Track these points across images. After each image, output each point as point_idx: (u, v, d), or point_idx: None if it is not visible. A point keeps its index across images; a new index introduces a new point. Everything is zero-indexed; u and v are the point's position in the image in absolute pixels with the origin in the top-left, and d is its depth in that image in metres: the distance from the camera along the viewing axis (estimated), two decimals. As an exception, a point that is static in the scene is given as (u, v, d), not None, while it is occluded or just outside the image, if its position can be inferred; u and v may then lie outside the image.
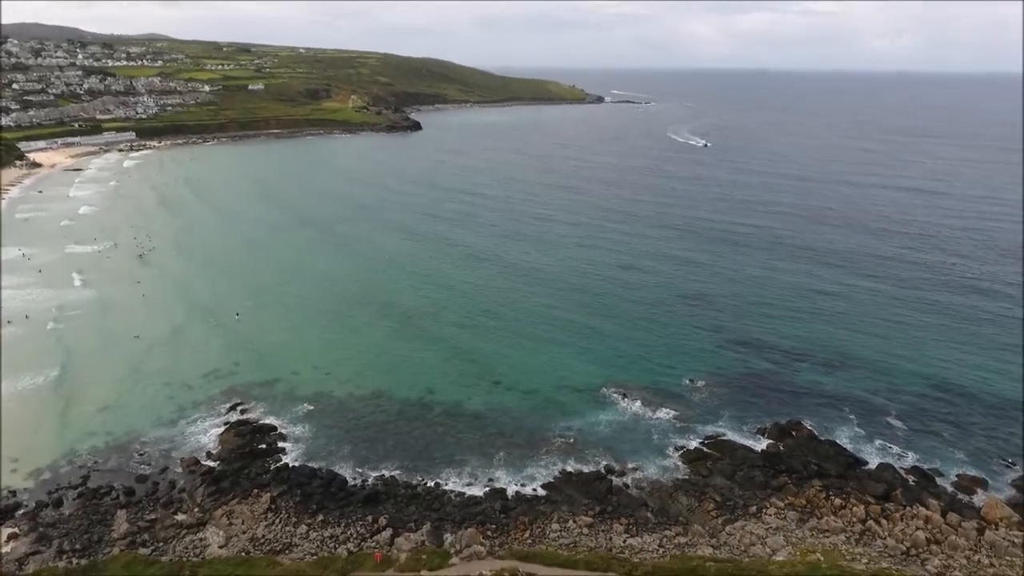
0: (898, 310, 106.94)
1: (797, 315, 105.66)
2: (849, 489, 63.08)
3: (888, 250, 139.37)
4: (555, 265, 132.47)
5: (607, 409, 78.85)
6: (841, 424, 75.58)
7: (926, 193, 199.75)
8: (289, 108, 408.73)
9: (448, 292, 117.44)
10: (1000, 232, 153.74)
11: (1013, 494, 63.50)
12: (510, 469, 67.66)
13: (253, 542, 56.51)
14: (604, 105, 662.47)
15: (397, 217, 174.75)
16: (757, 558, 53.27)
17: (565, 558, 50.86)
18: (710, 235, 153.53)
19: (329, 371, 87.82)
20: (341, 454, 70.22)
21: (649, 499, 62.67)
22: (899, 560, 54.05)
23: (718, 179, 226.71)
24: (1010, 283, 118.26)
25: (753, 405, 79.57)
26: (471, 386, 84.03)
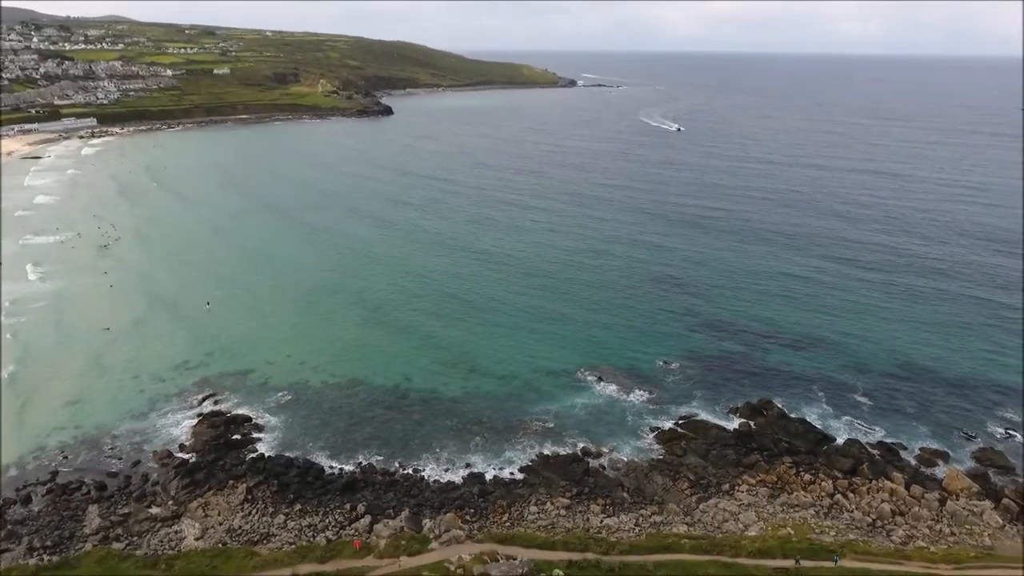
0: (864, 292, 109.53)
1: (767, 297, 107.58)
2: (818, 465, 64.87)
3: (854, 233, 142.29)
4: (528, 251, 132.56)
5: (583, 392, 79.63)
6: (810, 402, 77.51)
7: (891, 176, 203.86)
8: (256, 93, 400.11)
9: (420, 280, 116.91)
10: (963, 214, 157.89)
11: (973, 466, 65.97)
12: (488, 454, 68.09)
13: (230, 533, 56.10)
14: (577, 89, 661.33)
15: (368, 204, 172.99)
16: (730, 534, 54.60)
17: (543, 539, 51.48)
18: (681, 219, 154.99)
19: (303, 360, 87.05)
20: (318, 443, 69.89)
21: (625, 479, 63.68)
22: (866, 532, 55.89)
23: (690, 163, 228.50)
24: (969, 264, 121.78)
25: (725, 385, 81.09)
26: (447, 372, 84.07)
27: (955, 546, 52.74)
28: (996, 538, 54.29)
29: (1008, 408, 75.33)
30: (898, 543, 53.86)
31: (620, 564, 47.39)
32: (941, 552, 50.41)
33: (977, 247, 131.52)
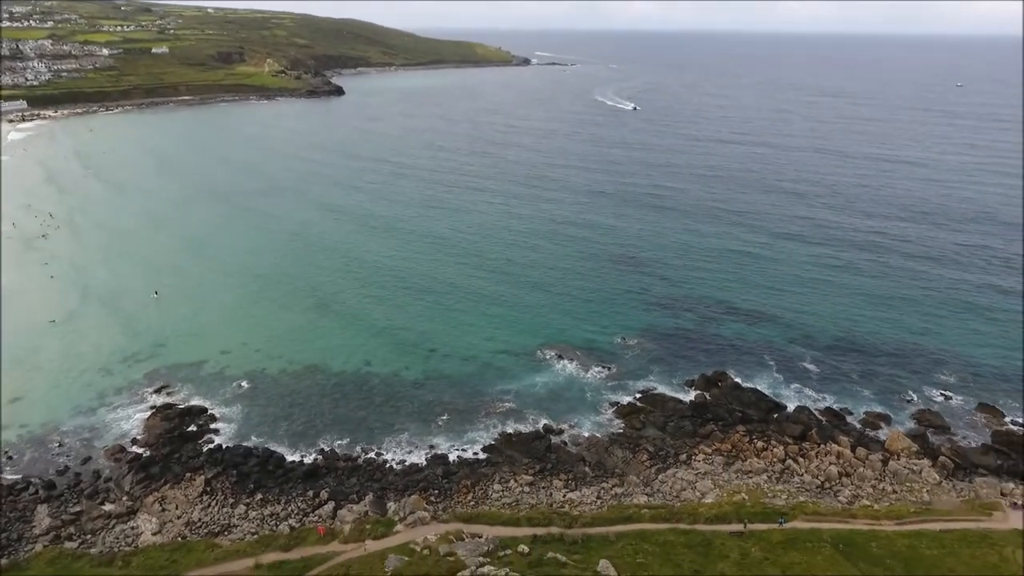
0: (810, 266, 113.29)
1: (720, 273, 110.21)
2: (770, 432, 67.42)
3: (801, 210, 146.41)
4: (483, 234, 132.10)
5: (543, 371, 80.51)
6: (762, 372, 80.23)
7: (836, 154, 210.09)
8: (199, 73, 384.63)
9: (375, 265, 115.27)
10: (902, 190, 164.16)
11: (913, 426, 69.63)
12: (450, 435, 68.42)
13: (189, 526, 55.16)
14: (531, 68, 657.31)
15: (318, 189, 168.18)
16: (688, 502, 56.45)
17: (508, 516, 52.27)
18: (636, 199, 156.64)
19: (259, 348, 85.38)
20: (277, 431, 68.97)
21: (586, 454, 64.96)
22: (815, 493, 58.56)
23: (644, 143, 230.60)
24: (906, 238, 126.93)
25: (681, 359, 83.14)
26: (407, 356, 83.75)
27: (897, 503, 55.76)
28: (934, 493, 57.59)
29: (943, 372, 79.49)
30: (844, 503, 56.63)
31: (583, 536, 48.55)
32: (884, 509, 53.23)
33: (915, 222, 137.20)
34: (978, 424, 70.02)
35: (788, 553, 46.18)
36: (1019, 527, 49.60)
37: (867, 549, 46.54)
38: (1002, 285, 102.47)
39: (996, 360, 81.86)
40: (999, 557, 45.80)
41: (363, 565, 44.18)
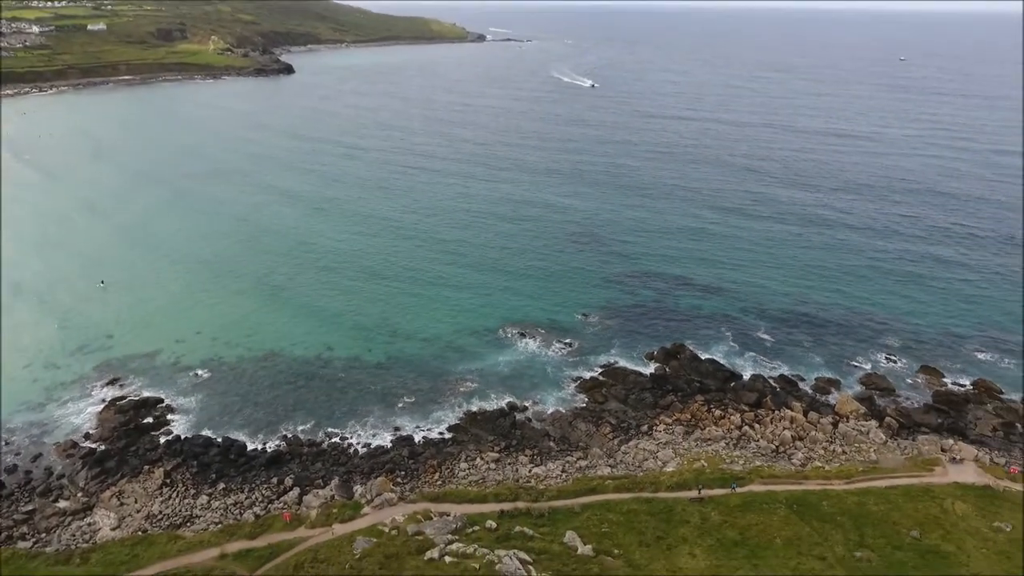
0: (764, 239, 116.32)
1: (676, 249, 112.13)
2: (727, 400, 69.56)
3: (752, 185, 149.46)
4: (441, 215, 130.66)
5: (506, 349, 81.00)
6: (719, 343, 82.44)
7: (785, 128, 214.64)
8: (140, 51, 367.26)
9: (331, 250, 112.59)
10: (848, 163, 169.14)
11: (860, 390, 72.77)
12: (415, 416, 68.46)
13: (150, 519, 54.09)
14: (486, 44, 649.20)
15: (267, 173, 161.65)
16: (650, 471, 57.99)
17: (475, 494, 52.84)
18: (593, 177, 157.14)
19: (215, 336, 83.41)
20: (238, 420, 67.83)
21: (551, 429, 65.94)
22: (770, 457, 60.87)
23: (601, 121, 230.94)
24: (851, 212, 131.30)
25: (641, 333, 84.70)
26: (368, 339, 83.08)
27: (846, 463, 58.41)
28: (880, 452, 60.52)
29: (888, 338, 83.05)
30: (798, 465, 59.04)
31: (549, 509, 49.48)
32: (834, 470, 55.72)
33: (859, 195, 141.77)
34: (920, 385, 73.63)
35: (745, 515, 48.05)
36: (958, 480, 52.64)
37: (819, 508, 48.75)
38: (942, 255, 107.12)
39: (936, 325, 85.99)
40: (940, 509, 48.59)
41: (331, 549, 44.14)
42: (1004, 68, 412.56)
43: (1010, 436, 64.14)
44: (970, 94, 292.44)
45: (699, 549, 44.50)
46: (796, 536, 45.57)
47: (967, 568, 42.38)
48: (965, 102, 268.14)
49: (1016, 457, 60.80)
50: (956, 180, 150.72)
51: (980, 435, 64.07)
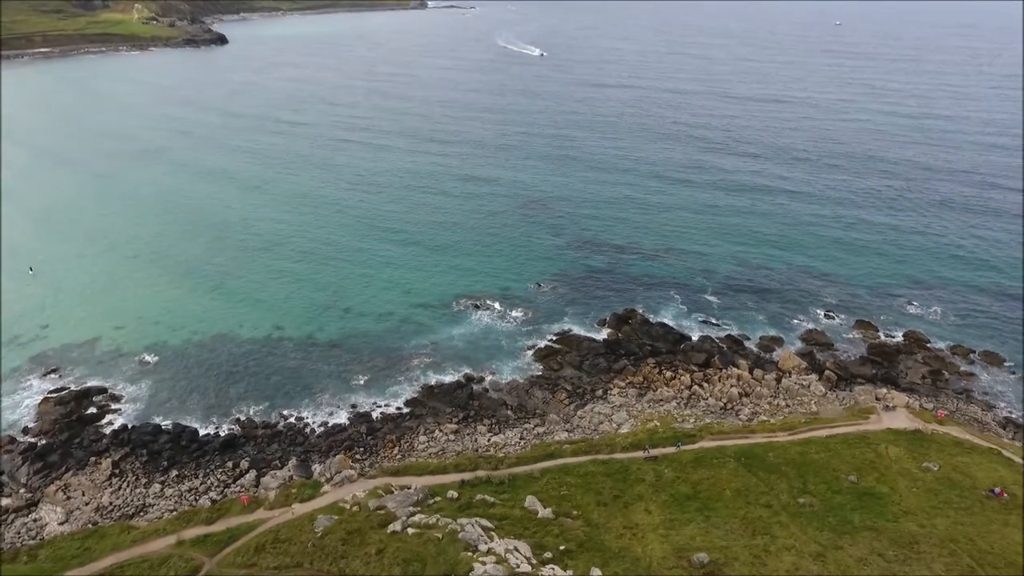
0: (708, 206, 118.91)
1: (625, 218, 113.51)
2: (677, 362, 71.71)
3: (696, 155, 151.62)
4: (387, 191, 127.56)
5: (461, 321, 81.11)
6: (668, 306, 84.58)
7: (728, 97, 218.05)
8: (56, 21, 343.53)
9: (274, 231, 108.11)
10: (785, 130, 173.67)
11: (801, 346, 76.13)
12: (371, 392, 68.16)
13: (100, 512, 52.59)
14: (428, 11, 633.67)
15: (198, 152, 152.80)
16: (606, 434, 59.60)
17: (435, 465, 53.34)
18: (541, 150, 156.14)
19: (158, 321, 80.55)
20: (188, 405, 66.15)
21: (508, 398, 66.77)
22: (719, 415, 63.35)
23: (549, 92, 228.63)
24: (787, 178, 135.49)
25: (593, 300, 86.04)
26: (320, 318, 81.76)
27: (789, 416, 61.31)
28: (820, 404, 63.74)
29: (826, 296, 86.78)
30: (745, 420, 61.66)
31: (509, 476, 50.47)
32: (779, 423, 58.48)
33: (796, 161, 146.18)
34: (856, 339, 77.51)
35: (697, 471, 50.13)
36: (891, 426, 56.08)
37: (765, 459, 51.24)
38: (872, 220, 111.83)
39: (870, 282, 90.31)
40: (875, 454, 51.78)
41: (292, 529, 44.03)
42: (932, 31, 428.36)
43: (937, 383, 68.47)
44: (899, 58, 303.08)
45: (654, 505, 46.29)
46: (744, 487, 47.87)
47: (899, 506, 45.46)
48: (894, 66, 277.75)
49: (943, 402, 65.03)
50: (885, 145, 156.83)
51: (911, 383, 68.14)
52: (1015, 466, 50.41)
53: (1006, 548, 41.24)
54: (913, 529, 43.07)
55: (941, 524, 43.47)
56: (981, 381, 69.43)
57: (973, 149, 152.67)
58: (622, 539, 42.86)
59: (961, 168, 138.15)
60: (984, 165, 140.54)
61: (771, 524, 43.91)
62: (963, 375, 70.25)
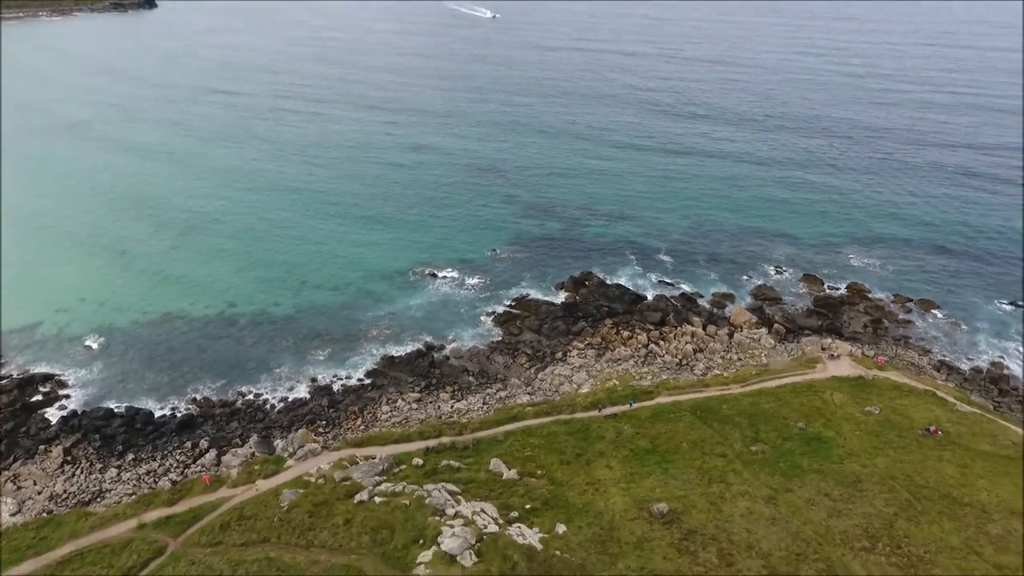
0: (659, 168, 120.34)
1: (578, 183, 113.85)
2: (634, 322, 73.22)
3: (649, 119, 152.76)
4: (335, 163, 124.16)
5: (418, 291, 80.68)
6: (624, 267, 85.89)
7: (676, 59, 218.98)
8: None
9: (217, 208, 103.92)
10: (729, 91, 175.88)
11: (751, 301, 78.65)
12: (331, 365, 67.57)
13: (54, 500, 51.17)
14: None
15: (134, 128, 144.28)
16: (567, 394, 60.80)
17: (400, 434, 53.52)
18: (494, 117, 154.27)
19: (103, 302, 77.48)
20: (141, 387, 64.33)
21: (469, 365, 67.20)
22: (675, 370, 65.26)
23: (500, 57, 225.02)
24: (733, 140, 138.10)
25: (550, 264, 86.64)
26: (274, 292, 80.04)
27: (741, 369, 63.65)
28: (770, 356, 66.32)
29: (775, 252, 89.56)
30: (699, 375, 63.74)
31: (473, 441, 51.15)
32: (731, 376, 60.67)
33: (740, 123, 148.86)
34: (803, 293, 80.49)
35: (655, 425, 51.78)
36: (836, 374, 58.87)
37: (719, 411, 53.25)
38: (815, 180, 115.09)
39: (816, 238, 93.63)
40: (821, 401, 54.40)
41: (257, 505, 43.80)
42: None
43: (878, 331, 71.98)
44: (843, 17, 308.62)
45: (615, 461, 47.75)
46: (700, 439, 49.77)
47: (844, 449, 48.09)
48: (839, 25, 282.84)
49: (883, 349, 68.52)
50: (828, 104, 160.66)
51: (853, 332, 71.45)
52: (948, 405, 53.76)
53: (940, 481, 44.24)
54: (856, 469, 45.70)
55: (882, 463, 46.24)
56: (918, 327, 73.30)
57: (912, 107, 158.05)
58: (585, 495, 44.19)
59: (899, 127, 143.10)
60: (921, 123, 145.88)
61: (726, 472, 45.91)
62: (901, 323, 73.99)
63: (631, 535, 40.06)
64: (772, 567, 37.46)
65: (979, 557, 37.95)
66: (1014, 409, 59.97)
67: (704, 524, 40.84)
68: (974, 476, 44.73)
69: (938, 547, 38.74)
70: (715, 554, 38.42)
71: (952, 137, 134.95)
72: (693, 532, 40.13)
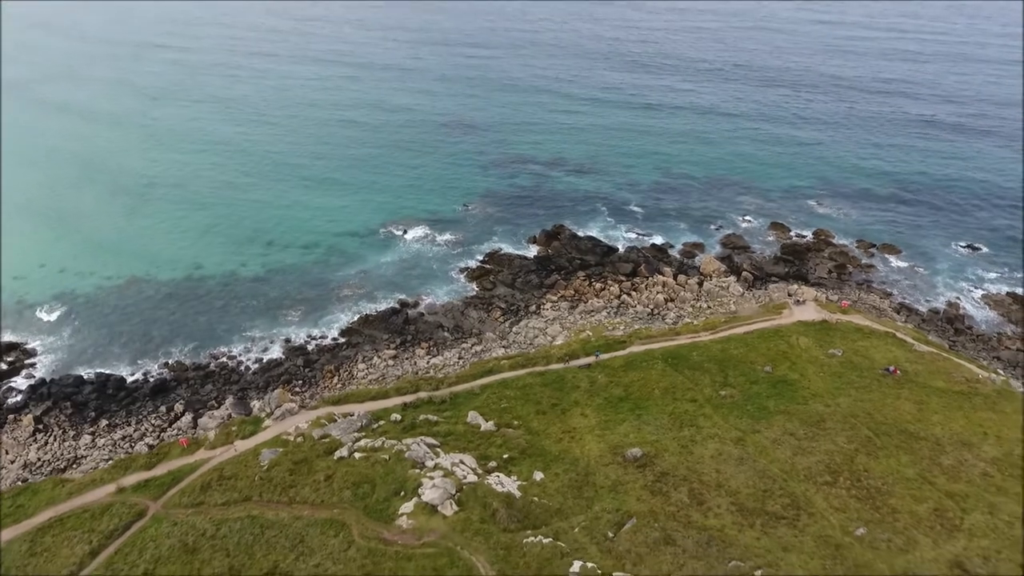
0: (628, 121, 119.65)
1: (547, 135, 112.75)
2: (606, 273, 73.90)
3: (615, 72, 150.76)
4: (294, 121, 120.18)
5: (390, 248, 79.99)
6: (595, 219, 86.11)
7: (640, 8, 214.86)
8: None
9: (175, 169, 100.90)
10: (708, 45, 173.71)
11: (721, 250, 79.81)
12: (304, 325, 67.20)
13: (28, 468, 50.77)
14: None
15: (74, 89, 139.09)
16: (541, 347, 61.60)
17: (377, 391, 53.90)
18: (457, 70, 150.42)
19: (63, 268, 75.27)
20: (110, 353, 63.34)
21: (444, 320, 67.43)
22: (646, 320, 66.39)
23: (460, 8, 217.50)
24: (698, 93, 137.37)
25: (522, 218, 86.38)
26: (242, 253, 78.62)
27: (711, 317, 65.01)
28: (739, 304, 67.76)
29: (744, 201, 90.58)
30: (671, 324, 64.96)
31: (450, 395, 51.79)
32: (701, 324, 61.99)
33: (710, 77, 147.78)
34: (771, 240, 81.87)
35: (628, 374, 52.98)
36: (801, 319, 60.57)
37: (690, 358, 54.62)
38: (781, 133, 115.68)
39: (783, 186, 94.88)
40: (787, 345, 56.09)
41: (237, 465, 44.07)
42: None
43: (842, 276, 73.90)
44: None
45: (589, 409, 48.94)
46: (672, 385, 51.16)
47: (808, 390, 49.94)
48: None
49: (847, 293, 70.51)
50: (794, 55, 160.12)
51: (819, 278, 73.25)
52: (907, 346, 55.94)
53: (898, 418, 46.42)
54: (820, 409, 47.63)
55: (844, 402, 48.23)
56: (880, 272, 75.44)
57: (879, 57, 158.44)
58: (561, 443, 45.38)
59: (866, 76, 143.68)
60: (887, 70, 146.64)
61: (696, 416, 47.46)
62: (864, 267, 76.02)
63: (606, 479, 41.45)
64: (740, 503, 39.26)
65: (932, 486, 40.26)
66: (968, 347, 62.71)
67: (676, 466, 42.39)
68: (929, 412, 47.00)
69: (895, 479, 40.94)
70: (686, 494, 40.05)
71: (916, 87, 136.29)
72: (665, 474, 41.67)
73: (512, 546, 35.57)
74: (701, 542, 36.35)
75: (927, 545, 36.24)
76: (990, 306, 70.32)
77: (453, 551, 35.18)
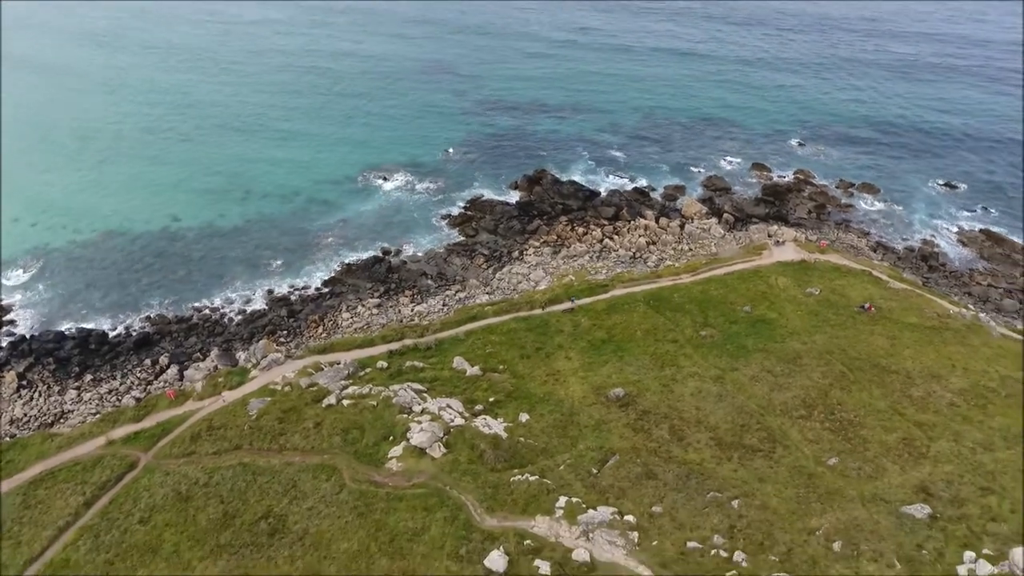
0: (607, 64, 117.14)
1: (525, 79, 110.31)
2: (588, 218, 73.86)
3: (594, 14, 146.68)
4: (266, 71, 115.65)
5: (370, 196, 78.97)
6: (577, 163, 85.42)
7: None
8: None
9: (145, 119, 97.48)
10: None
11: (702, 192, 79.91)
12: (286, 275, 66.80)
13: (15, 424, 50.86)
14: None
15: (32, 40, 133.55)
16: (525, 292, 62.02)
17: (362, 339, 54.21)
18: (427, 14, 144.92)
19: (35, 221, 73.45)
20: (91, 308, 62.63)
21: (427, 268, 67.39)
22: (628, 264, 66.88)
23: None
24: (680, 37, 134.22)
25: (503, 163, 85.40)
26: (219, 204, 77.13)
27: (692, 259, 65.62)
28: (719, 245, 68.39)
29: (725, 142, 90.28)
30: (652, 267, 65.54)
31: (436, 341, 52.26)
32: (682, 266, 62.63)
33: (697, 18, 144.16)
34: (752, 181, 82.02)
35: (611, 317, 53.72)
36: (780, 259, 61.41)
37: (671, 300, 55.43)
38: (763, 75, 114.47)
39: (765, 127, 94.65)
40: (766, 285, 57.06)
41: (225, 415, 44.50)
42: None
43: (821, 216, 74.61)
44: None
45: (573, 352, 49.78)
46: (653, 327, 52.05)
47: (786, 329, 51.14)
48: None
49: (825, 233, 71.32)
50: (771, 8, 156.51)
51: (798, 219, 73.90)
52: (882, 283, 57.18)
53: (871, 353, 47.88)
54: (797, 347, 48.92)
55: (820, 339, 49.54)
56: (858, 211, 76.25)
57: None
58: (546, 385, 46.33)
59: (851, 16, 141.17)
60: (870, 9, 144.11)
61: (677, 356, 48.55)
62: (843, 207, 76.72)
63: (590, 419, 42.60)
64: (719, 438, 40.70)
65: (902, 417, 41.96)
66: (941, 284, 64.26)
67: (657, 405, 43.62)
68: (901, 346, 48.51)
69: (866, 411, 42.56)
70: (667, 431, 41.38)
71: (898, 27, 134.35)
72: (647, 412, 42.90)
73: (500, 484, 36.74)
74: (681, 475, 37.80)
75: (895, 472, 38.03)
76: (964, 243, 71.75)
77: (442, 491, 36.29)
